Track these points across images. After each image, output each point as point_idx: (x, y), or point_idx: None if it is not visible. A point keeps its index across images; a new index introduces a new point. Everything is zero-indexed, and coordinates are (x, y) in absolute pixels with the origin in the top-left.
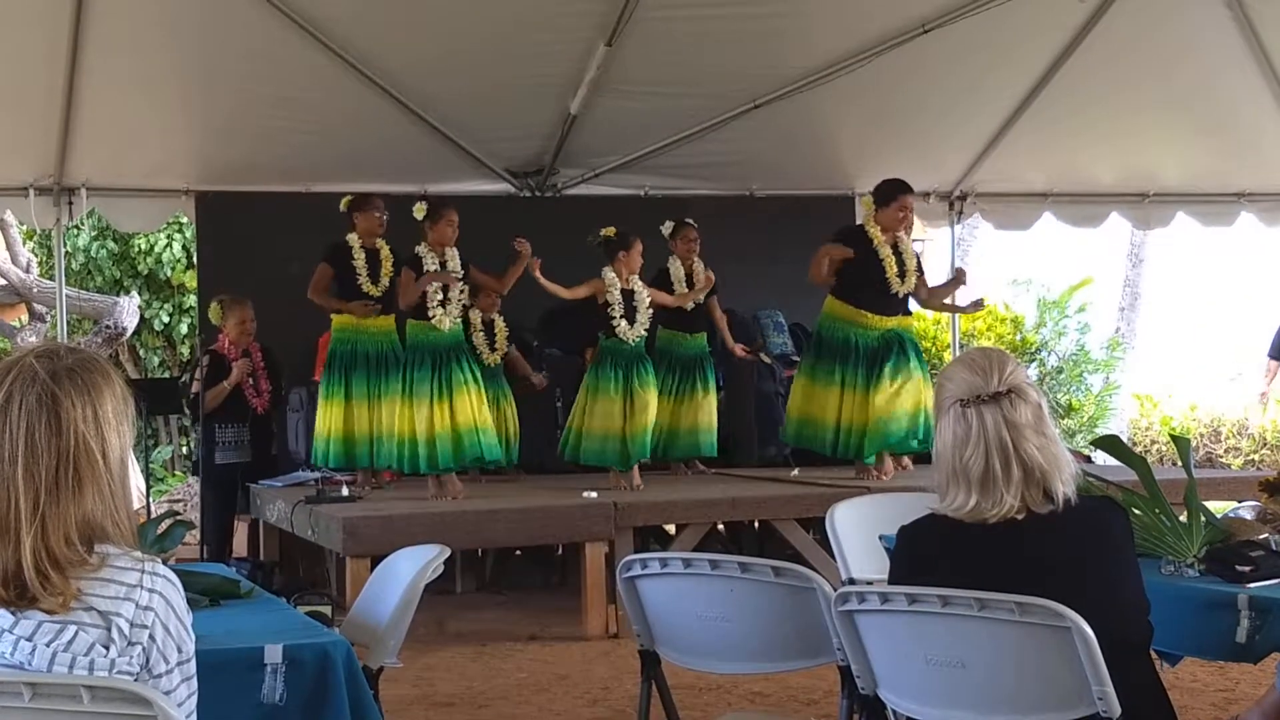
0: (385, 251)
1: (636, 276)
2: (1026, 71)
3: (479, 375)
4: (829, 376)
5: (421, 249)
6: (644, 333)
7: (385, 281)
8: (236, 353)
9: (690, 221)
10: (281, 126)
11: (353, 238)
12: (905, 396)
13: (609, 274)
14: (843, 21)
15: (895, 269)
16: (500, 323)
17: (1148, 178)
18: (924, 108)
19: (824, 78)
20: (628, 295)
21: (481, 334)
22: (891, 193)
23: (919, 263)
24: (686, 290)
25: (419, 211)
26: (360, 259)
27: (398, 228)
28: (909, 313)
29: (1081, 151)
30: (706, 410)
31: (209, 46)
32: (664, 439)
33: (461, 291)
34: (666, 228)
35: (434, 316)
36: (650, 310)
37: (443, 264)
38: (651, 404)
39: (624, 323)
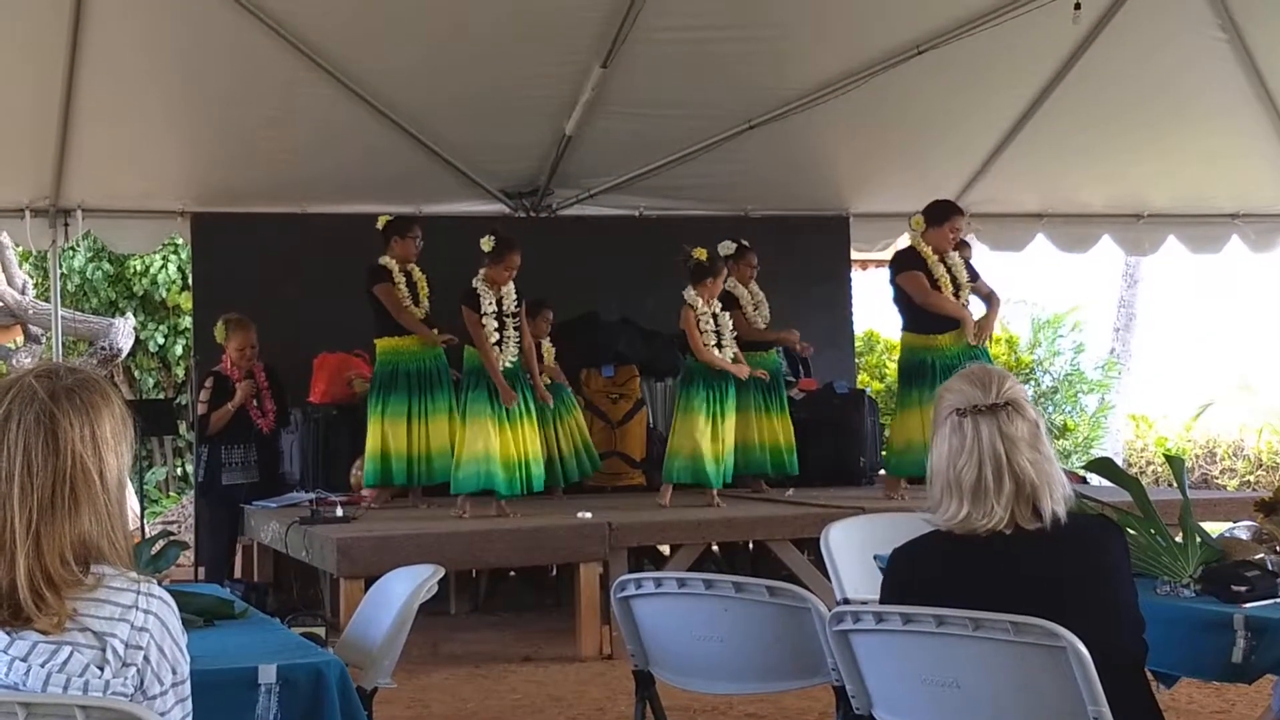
0: (418, 273)
1: (717, 301)
2: (1021, 93)
3: (533, 407)
4: (908, 400)
5: (479, 284)
6: (732, 356)
7: (425, 304)
8: (240, 374)
9: (747, 244)
10: (276, 148)
11: (390, 261)
12: None
13: (691, 295)
14: (837, 43)
15: (951, 286)
16: (547, 344)
17: (1141, 199)
18: (918, 129)
19: (818, 99)
20: (714, 318)
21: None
22: (945, 213)
23: (970, 270)
24: (757, 312)
25: (486, 245)
26: (402, 283)
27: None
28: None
29: (1075, 173)
30: (787, 426)
31: (204, 69)
32: (749, 455)
33: (516, 328)
34: (727, 247)
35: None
36: (735, 335)
37: (499, 300)
38: (732, 429)
39: (714, 344)
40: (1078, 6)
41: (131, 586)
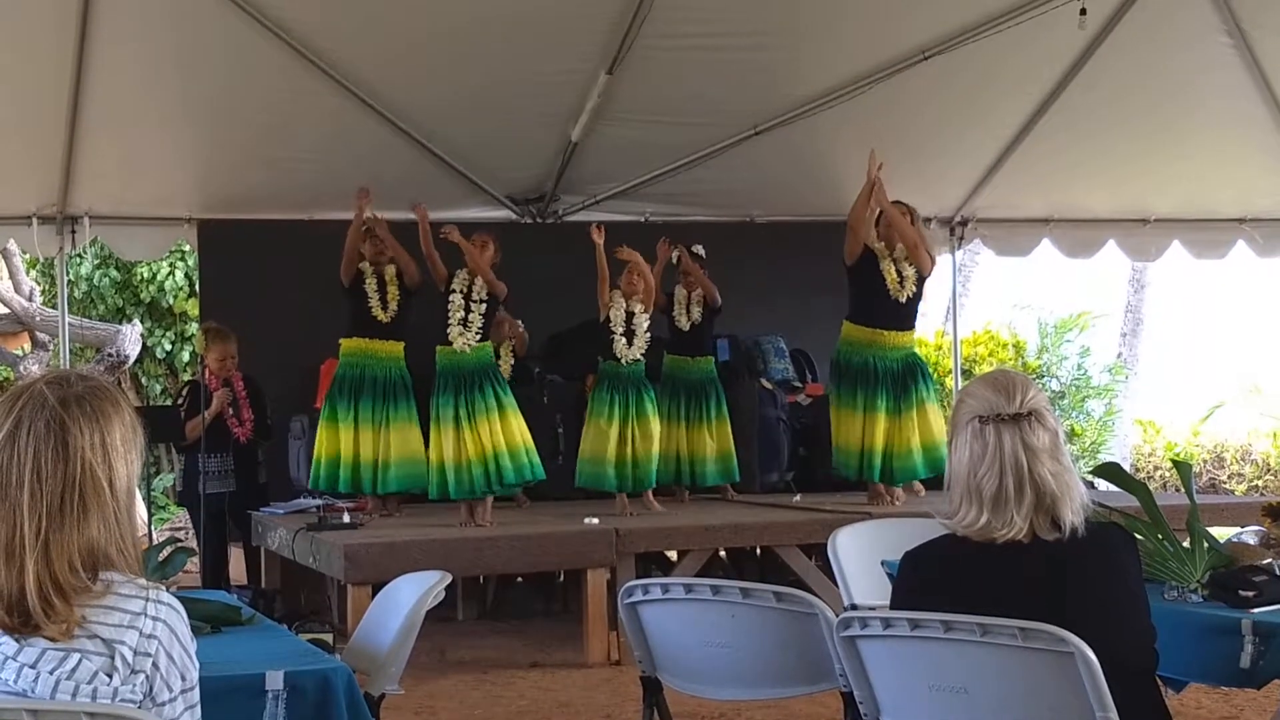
0: (390, 275)
1: (639, 299)
2: (1026, 98)
3: (502, 398)
4: (851, 402)
5: (459, 272)
6: (640, 356)
7: (394, 306)
8: (217, 383)
9: (697, 252)
10: (283, 155)
11: (364, 265)
12: (931, 424)
13: (615, 293)
14: (843, 49)
15: (895, 276)
16: (506, 351)
17: (1146, 204)
18: (924, 134)
19: (825, 104)
20: (629, 316)
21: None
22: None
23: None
24: (686, 314)
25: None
26: (372, 284)
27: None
28: (913, 327)
29: (1080, 178)
30: (724, 434)
31: (211, 76)
32: (690, 466)
33: (483, 314)
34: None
35: (451, 335)
36: (648, 335)
37: (469, 285)
38: (653, 432)
39: (622, 341)
40: (1083, 12)
41: (140, 593)
